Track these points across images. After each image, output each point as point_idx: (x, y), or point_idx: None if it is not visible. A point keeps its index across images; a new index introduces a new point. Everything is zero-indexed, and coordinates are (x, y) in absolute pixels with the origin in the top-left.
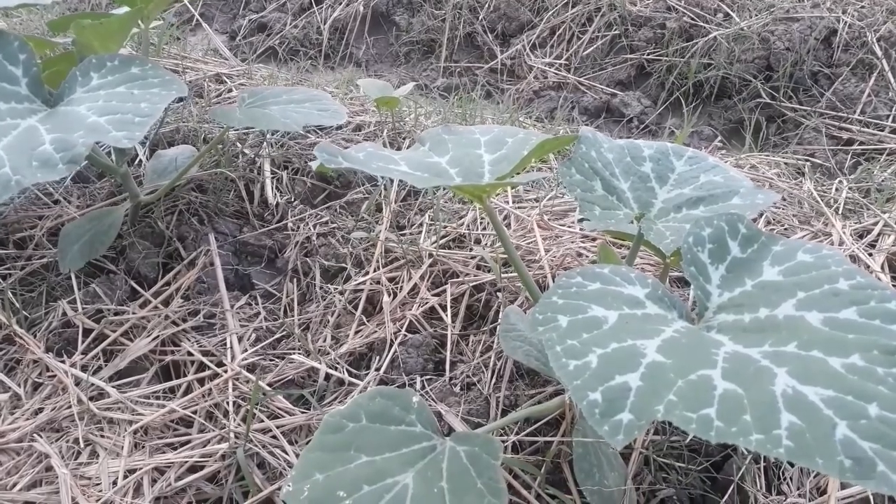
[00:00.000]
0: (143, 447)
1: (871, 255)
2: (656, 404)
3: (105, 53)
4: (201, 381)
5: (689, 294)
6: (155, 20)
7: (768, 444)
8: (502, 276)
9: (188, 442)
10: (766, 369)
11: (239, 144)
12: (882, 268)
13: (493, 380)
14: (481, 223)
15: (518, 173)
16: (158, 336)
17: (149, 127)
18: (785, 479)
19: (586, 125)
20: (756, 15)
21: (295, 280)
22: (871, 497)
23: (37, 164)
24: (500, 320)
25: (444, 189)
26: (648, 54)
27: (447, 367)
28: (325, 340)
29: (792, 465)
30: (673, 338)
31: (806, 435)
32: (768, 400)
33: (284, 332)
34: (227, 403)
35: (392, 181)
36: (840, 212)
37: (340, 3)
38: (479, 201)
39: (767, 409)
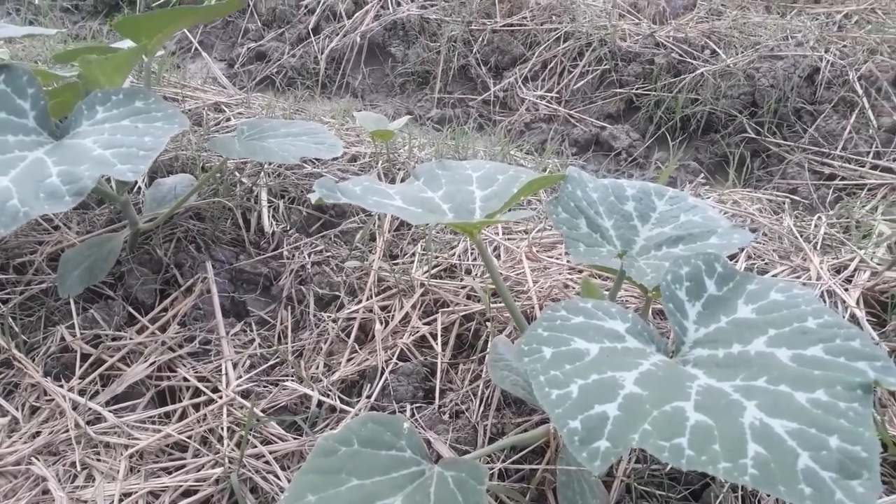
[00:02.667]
0: (139, 471)
1: (847, 290)
2: (632, 433)
3: (110, 87)
4: (196, 407)
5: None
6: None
7: (735, 472)
8: (491, 306)
9: (183, 466)
10: (737, 402)
11: (237, 174)
12: (857, 303)
13: (481, 408)
14: (472, 254)
15: (508, 210)
16: (155, 362)
17: (152, 160)
18: None
19: (576, 157)
20: (742, 52)
21: (289, 307)
22: None
23: (44, 196)
24: (488, 350)
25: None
26: (637, 89)
27: (437, 395)
28: (317, 367)
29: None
30: (650, 371)
31: (770, 464)
32: (737, 431)
33: (278, 359)
34: (222, 429)
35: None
36: (818, 247)
37: (337, 34)
38: (471, 236)
39: (735, 439)
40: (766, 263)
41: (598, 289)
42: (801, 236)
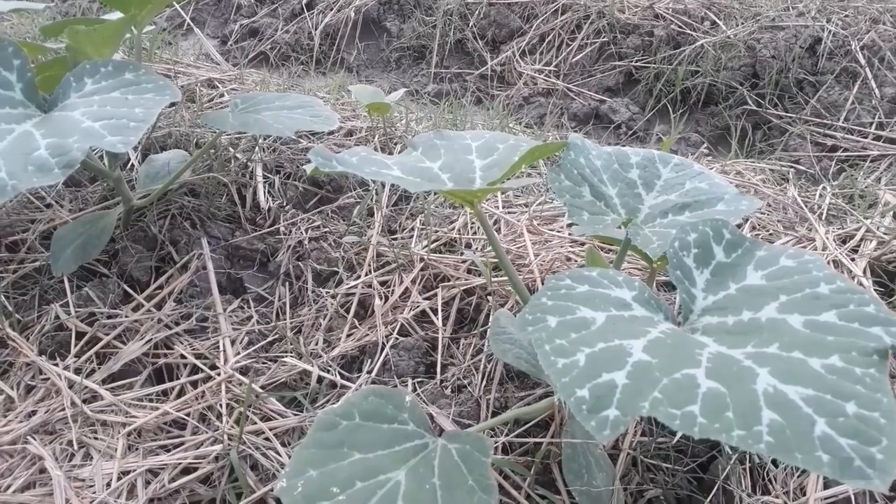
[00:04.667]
0: (137, 449)
1: (853, 259)
2: (641, 401)
3: (99, 59)
4: (194, 384)
5: (675, 298)
6: (147, 25)
7: (749, 440)
8: (492, 279)
9: (181, 444)
10: (749, 369)
11: (231, 149)
12: (864, 272)
13: (484, 382)
14: (472, 228)
15: (509, 179)
16: (151, 339)
17: (143, 132)
18: (769, 479)
19: (575, 131)
20: (742, 23)
21: (287, 284)
22: (853, 497)
23: (32, 169)
24: (490, 324)
25: (436, 194)
26: (636, 61)
27: (438, 369)
28: (317, 343)
29: (776, 465)
30: (659, 338)
31: (786, 431)
32: (750, 398)
33: (277, 336)
34: (221, 406)
35: (384, 186)
36: (823, 217)
37: (332, 9)
38: (471, 206)
39: (749, 406)
40: (770, 234)
41: (602, 258)
42: (806, 206)
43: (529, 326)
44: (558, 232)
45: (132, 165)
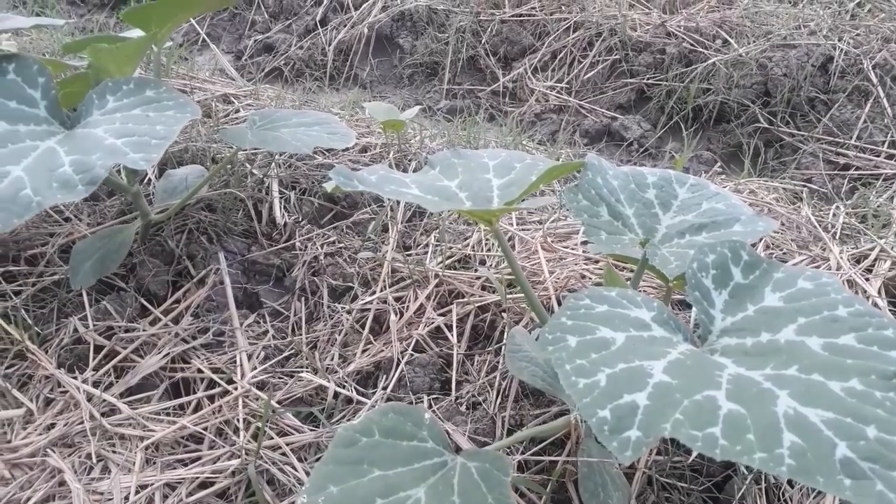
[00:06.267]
0: (155, 463)
1: (867, 279)
2: (663, 422)
3: (120, 76)
4: (211, 399)
5: (690, 317)
6: (165, 42)
7: (771, 463)
8: (507, 296)
9: (199, 458)
10: (769, 391)
11: (248, 165)
12: (879, 292)
13: (499, 399)
14: (486, 244)
15: (526, 198)
16: (169, 353)
17: (165, 149)
18: (785, 499)
19: (587, 148)
20: (754, 41)
21: (303, 299)
22: None
23: (57, 185)
24: (505, 341)
25: (450, 211)
26: (648, 79)
27: (453, 386)
28: (332, 359)
29: (791, 485)
30: (678, 359)
31: (807, 454)
32: (771, 420)
33: (293, 351)
34: (238, 420)
35: (399, 203)
36: (837, 237)
37: (345, 26)
38: (489, 224)
39: (770, 429)
40: (784, 253)
41: (620, 277)
42: (820, 226)
43: (550, 346)
44: (572, 249)
45: (149, 180)
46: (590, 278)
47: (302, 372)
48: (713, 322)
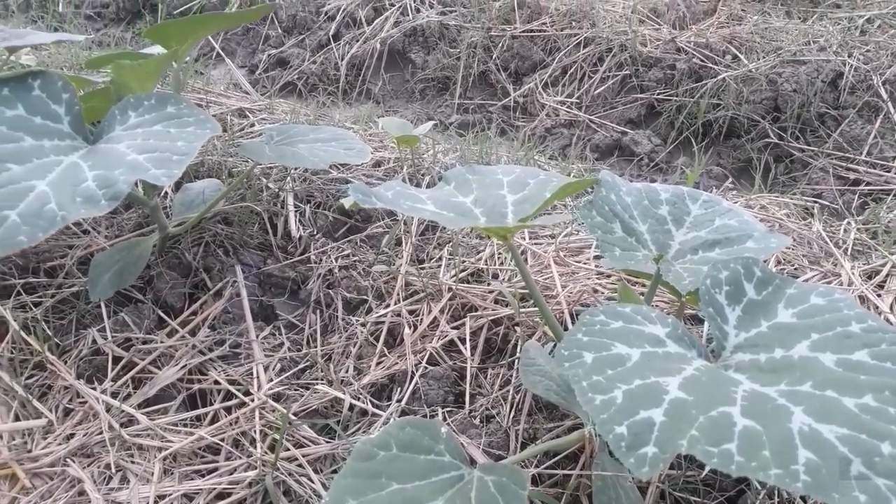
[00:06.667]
0: (173, 473)
1: (879, 295)
2: (679, 438)
3: (141, 92)
4: (228, 410)
5: (701, 331)
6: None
7: (787, 479)
8: (520, 311)
9: (216, 469)
10: (783, 407)
11: (263, 179)
12: (891, 308)
13: (512, 413)
14: (498, 258)
15: (541, 214)
16: (186, 365)
17: (186, 165)
18: None
19: (598, 163)
20: (764, 57)
21: (317, 311)
22: None
23: (80, 200)
24: (519, 355)
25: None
26: (658, 94)
27: (467, 399)
28: (347, 371)
29: (805, 500)
30: (693, 375)
31: (822, 471)
32: (786, 437)
33: (308, 363)
34: (254, 432)
35: (412, 217)
36: (849, 252)
37: (357, 41)
38: (504, 240)
39: (785, 445)
40: (795, 269)
41: (635, 293)
42: (831, 241)
43: (566, 362)
44: (585, 264)
45: (166, 193)
46: (602, 293)
47: (317, 384)
48: (727, 338)
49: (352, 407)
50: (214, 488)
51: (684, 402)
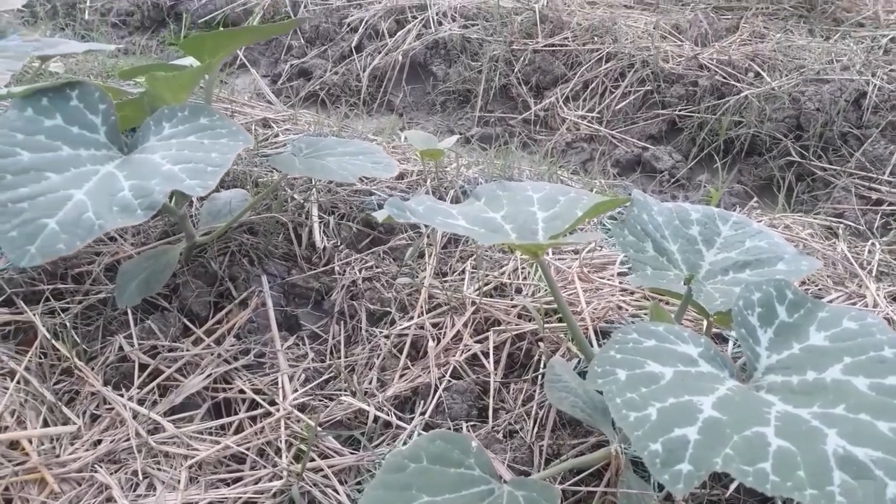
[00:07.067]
0: (199, 482)
1: None
2: (714, 457)
3: (175, 103)
4: (253, 420)
5: (727, 350)
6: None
7: (823, 500)
8: (545, 326)
9: (241, 479)
10: (817, 429)
11: (288, 189)
12: None
13: (536, 429)
14: (521, 273)
15: (572, 232)
16: (211, 374)
17: (220, 176)
18: None
19: (620, 178)
20: (787, 75)
21: (341, 322)
22: None
23: (117, 209)
24: (545, 371)
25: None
26: (680, 110)
27: (490, 414)
28: (370, 382)
29: None
30: (727, 395)
31: (858, 493)
32: (821, 458)
33: (332, 374)
34: (280, 442)
35: (436, 230)
36: (874, 274)
37: (380, 52)
38: (535, 257)
39: (820, 466)
40: (819, 289)
41: (666, 312)
42: (856, 262)
43: (599, 378)
44: (609, 280)
45: (191, 202)
46: (626, 309)
47: (341, 395)
48: (758, 359)
49: (376, 419)
50: (240, 497)
51: (718, 422)
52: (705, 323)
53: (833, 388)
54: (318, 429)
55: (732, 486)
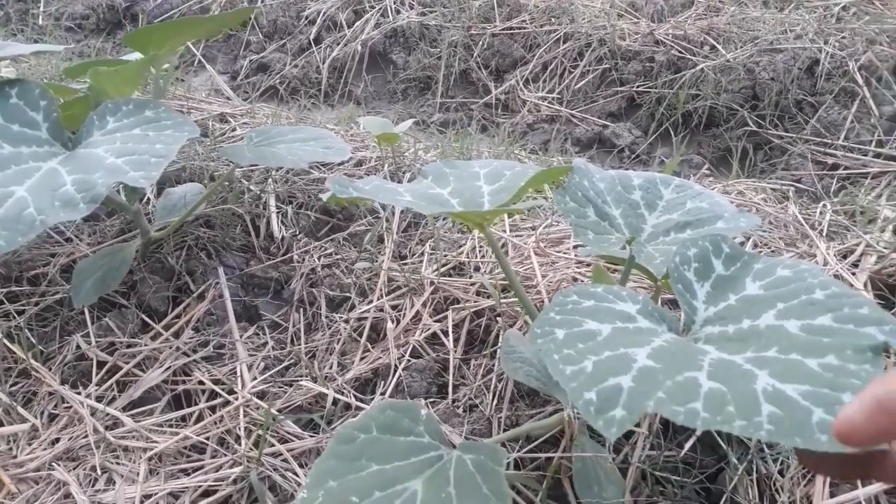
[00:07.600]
0: (158, 473)
1: (854, 274)
2: (646, 400)
3: (120, 98)
4: (213, 409)
5: (680, 315)
6: (163, 64)
7: (751, 429)
8: (501, 301)
9: (201, 467)
10: (749, 371)
11: (245, 181)
12: (865, 286)
13: (495, 401)
14: (480, 251)
15: (516, 202)
16: (170, 367)
17: (164, 167)
18: (776, 488)
19: (579, 156)
20: (741, 47)
21: (301, 310)
22: (862, 503)
23: (59, 204)
24: (500, 343)
25: (444, 219)
26: (638, 87)
27: (450, 390)
28: (331, 367)
29: (782, 475)
30: (662, 346)
31: (785, 421)
32: (750, 395)
33: (292, 360)
34: (239, 429)
35: (394, 214)
36: (824, 234)
37: (338, 44)
38: (480, 228)
39: (749, 401)
40: (772, 251)
41: (609, 275)
42: (807, 223)
43: (539, 339)
44: (564, 253)
45: (148, 199)
46: (582, 280)
47: (301, 381)
48: (696, 313)
49: (336, 401)
50: (200, 486)
51: (653, 370)
52: (655, 287)
53: (767, 333)
54: (277, 414)
55: (688, 445)
